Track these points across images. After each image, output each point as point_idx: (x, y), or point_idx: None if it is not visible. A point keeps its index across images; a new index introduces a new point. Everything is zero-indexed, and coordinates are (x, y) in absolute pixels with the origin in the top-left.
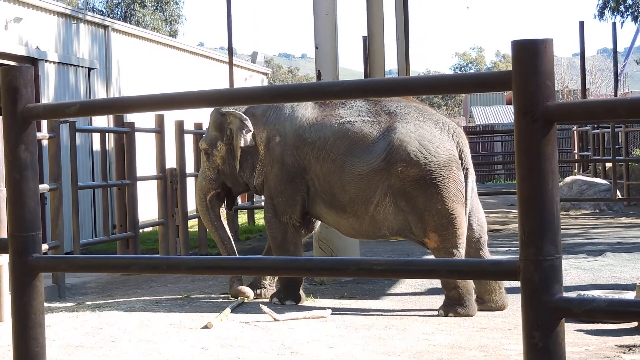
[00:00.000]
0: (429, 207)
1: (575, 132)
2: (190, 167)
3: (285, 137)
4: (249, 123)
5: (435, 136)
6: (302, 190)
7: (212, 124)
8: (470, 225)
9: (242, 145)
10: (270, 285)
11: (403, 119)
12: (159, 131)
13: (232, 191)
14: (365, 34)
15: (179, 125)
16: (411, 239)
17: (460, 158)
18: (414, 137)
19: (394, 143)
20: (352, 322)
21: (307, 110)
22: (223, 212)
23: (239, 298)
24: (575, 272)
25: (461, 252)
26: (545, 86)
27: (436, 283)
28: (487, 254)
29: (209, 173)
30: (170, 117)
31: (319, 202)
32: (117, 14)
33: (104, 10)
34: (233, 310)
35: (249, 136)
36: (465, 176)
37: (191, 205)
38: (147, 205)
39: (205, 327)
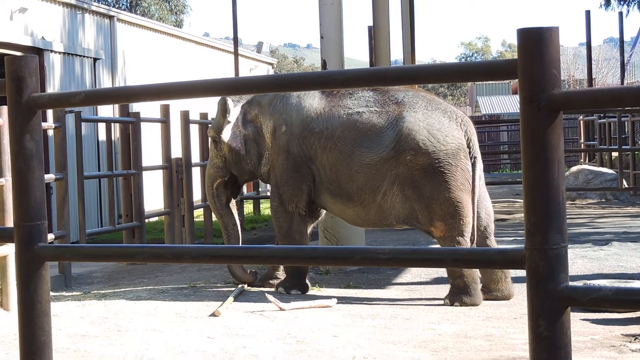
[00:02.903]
0: (436, 196)
1: (581, 121)
2: (195, 157)
3: (291, 126)
4: (230, 108)
5: (444, 125)
6: (308, 180)
7: (219, 111)
8: (477, 214)
9: (223, 134)
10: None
11: (411, 108)
12: (165, 121)
13: (237, 179)
14: (371, 24)
15: (185, 115)
16: (417, 227)
17: (468, 147)
18: (423, 126)
19: (403, 132)
20: (358, 311)
21: (314, 100)
22: (232, 199)
23: (240, 285)
24: (581, 261)
25: (467, 241)
26: (551, 74)
27: (442, 272)
28: (493, 243)
29: (216, 161)
30: (176, 107)
31: (324, 192)
32: (123, 4)
33: (109, 0)
34: (237, 299)
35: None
36: (473, 165)
37: (197, 195)
38: (153, 195)
39: (213, 315)
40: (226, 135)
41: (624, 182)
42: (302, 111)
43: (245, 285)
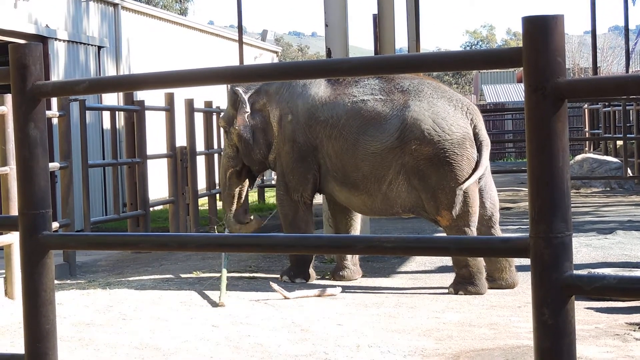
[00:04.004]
0: (442, 186)
1: (586, 110)
2: (200, 146)
3: (297, 115)
4: (246, 106)
5: (449, 114)
6: (313, 169)
7: (229, 101)
8: (482, 203)
9: (238, 125)
10: (354, 264)
11: (416, 96)
12: (169, 109)
13: (251, 169)
14: (376, 12)
15: (189, 104)
16: (424, 216)
17: (475, 135)
18: (428, 115)
19: (408, 121)
20: (362, 300)
21: (319, 89)
22: (243, 190)
23: (223, 257)
24: (586, 250)
25: (473, 230)
26: (556, 62)
27: (446, 261)
28: (498, 232)
29: (228, 151)
30: (180, 95)
31: (330, 180)
32: None
33: None
34: (241, 287)
35: (245, 115)
36: (480, 150)
37: (201, 183)
38: (158, 184)
39: (217, 305)
40: (241, 124)
41: (629, 171)
42: (307, 100)
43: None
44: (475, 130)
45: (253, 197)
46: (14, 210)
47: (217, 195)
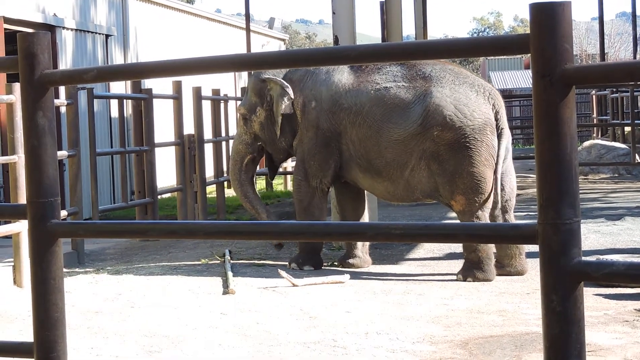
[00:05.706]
0: (460, 170)
1: (594, 96)
2: (208, 133)
3: (321, 102)
4: (289, 90)
5: (471, 99)
6: (335, 155)
7: (252, 89)
8: (501, 188)
9: (283, 112)
10: (364, 253)
11: (438, 83)
12: (177, 97)
13: (273, 159)
14: None
15: (197, 92)
16: (440, 201)
17: (496, 120)
18: (450, 102)
19: (430, 108)
20: (371, 287)
21: (342, 76)
22: (254, 175)
23: (226, 256)
24: (594, 236)
25: (486, 216)
26: (563, 49)
27: (454, 248)
28: (512, 218)
29: (245, 137)
30: (188, 83)
31: (354, 167)
32: None
33: None
34: (249, 274)
35: (289, 103)
36: (500, 137)
37: (209, 171)
38: (165, 172)
39: (226, 293)
40: (288, 112)
41: (637, 157)
42: (331, 87)
43: (228, 254)
44: (497, 117)
45: (261, 184)
46: (23, 199)
47: (225, 183)
